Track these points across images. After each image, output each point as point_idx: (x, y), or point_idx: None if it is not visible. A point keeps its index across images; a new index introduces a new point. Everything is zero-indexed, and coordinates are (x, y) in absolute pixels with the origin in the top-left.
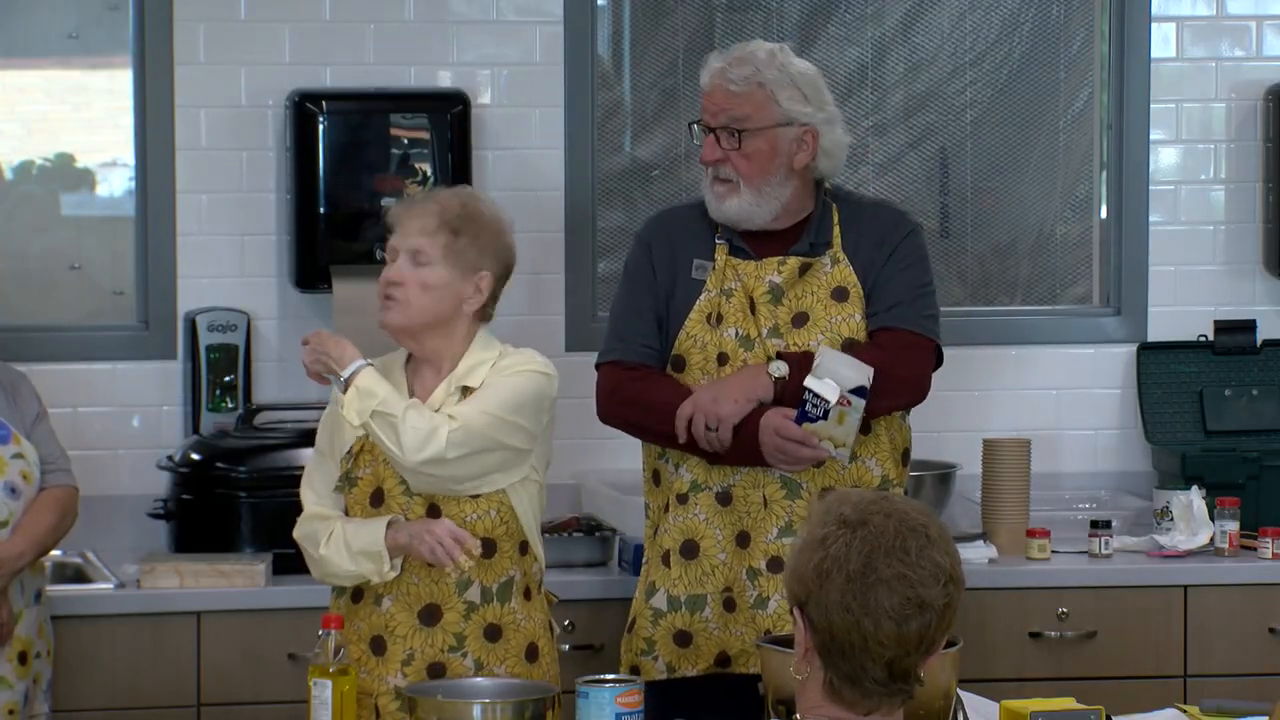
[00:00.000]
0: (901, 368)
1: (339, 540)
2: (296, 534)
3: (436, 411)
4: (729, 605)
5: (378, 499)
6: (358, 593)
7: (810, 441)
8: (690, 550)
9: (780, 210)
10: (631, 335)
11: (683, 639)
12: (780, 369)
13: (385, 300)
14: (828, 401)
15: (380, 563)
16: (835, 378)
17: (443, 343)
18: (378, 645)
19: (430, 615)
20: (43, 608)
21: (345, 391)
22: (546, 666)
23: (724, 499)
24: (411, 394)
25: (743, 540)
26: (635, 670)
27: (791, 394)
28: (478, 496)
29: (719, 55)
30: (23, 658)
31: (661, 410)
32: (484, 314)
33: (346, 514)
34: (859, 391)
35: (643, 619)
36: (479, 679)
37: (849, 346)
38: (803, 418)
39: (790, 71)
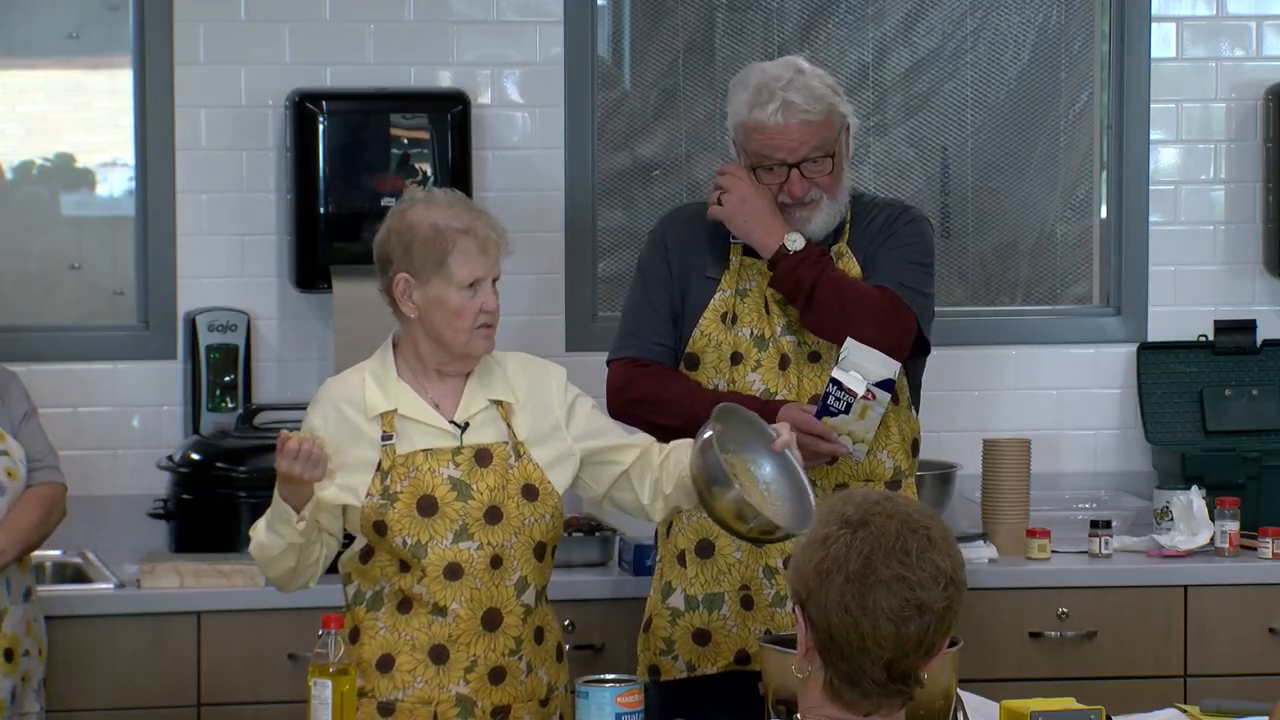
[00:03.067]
0: (877, 311)
1: (260, 525)
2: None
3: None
4: (746, 603)
5: (428, 507)
6: (406, 603)
7: (830, 436)
8: (706, 549)
9: (843, 212)
10: (646, 332)
11: (701, 637)
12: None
13: (483, 330)
14: (854, 394)
15: (288, 518)
16: (861, 370)
17: None
18: (438, 654)
19: (492, 620)
20: (32, 606)
21: None
22: (566, 665)
23: None
24: (431, 404)
25: None
26: (655, 670)
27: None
28: (535, 500)
29: (755, 90)
30: (9, 655)
31: (675, 407)
32: None
33: (382, 531)
34: (884, 385)
35: (660, 619)
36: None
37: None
38: (824, 411)
39: (824, 78)
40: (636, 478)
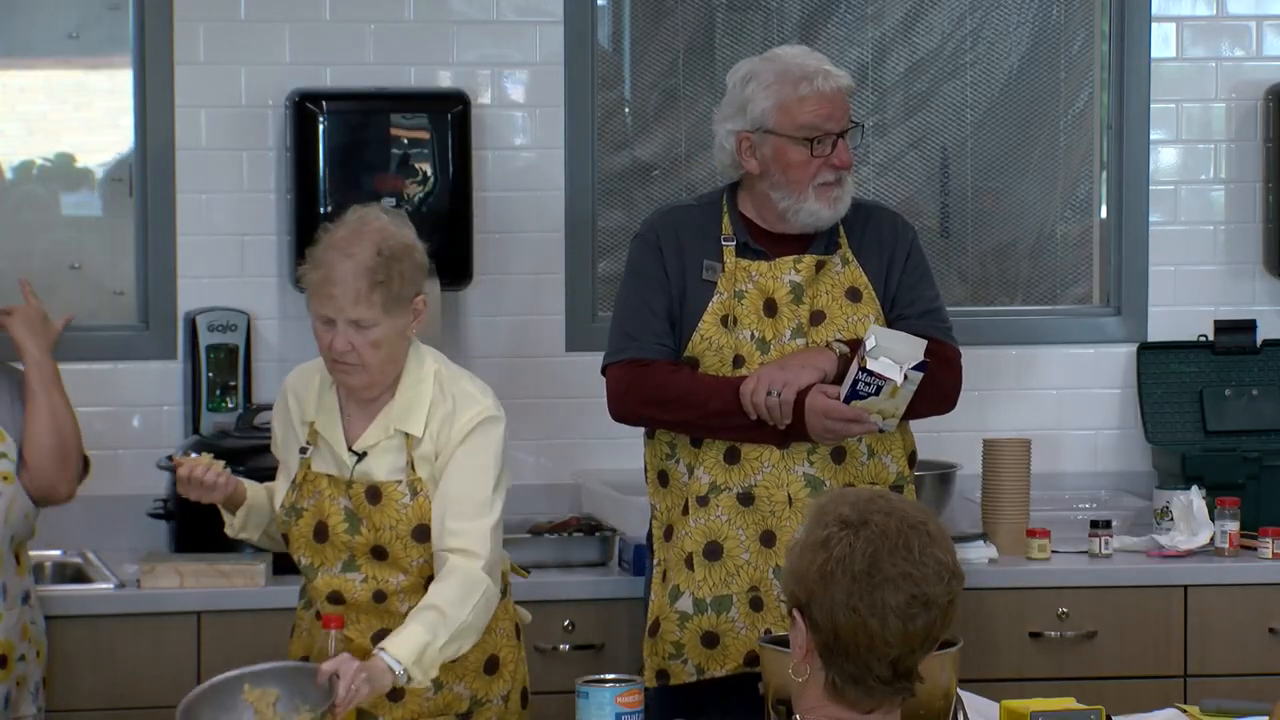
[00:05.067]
0: (941, 384)
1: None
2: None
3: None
4: (756, 605)
5: (321, 534)
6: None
7: (862, 417)
8: (714, 552)
9: None
10: (644, 334)
11: (710, 640)
12: (841, 347)
13: (339, 365)
14: (891, 381)
15: (228, 520)
16: (892, 356)
17: (393, 374)
18: None
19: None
20: (29, 609)
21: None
22: (509, 676)
23: (746, 499)
24: (344, 416)
25: (768, 539)
26: (664, 674)
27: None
28: (426, 541)
29: (798, 67)
30: (3, 661)
31: (683, 402)
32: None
33: (288, 544)
34: (919, 367)
35: (668, 623)
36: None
37: None
38: (853, 396)
39: None
40: None
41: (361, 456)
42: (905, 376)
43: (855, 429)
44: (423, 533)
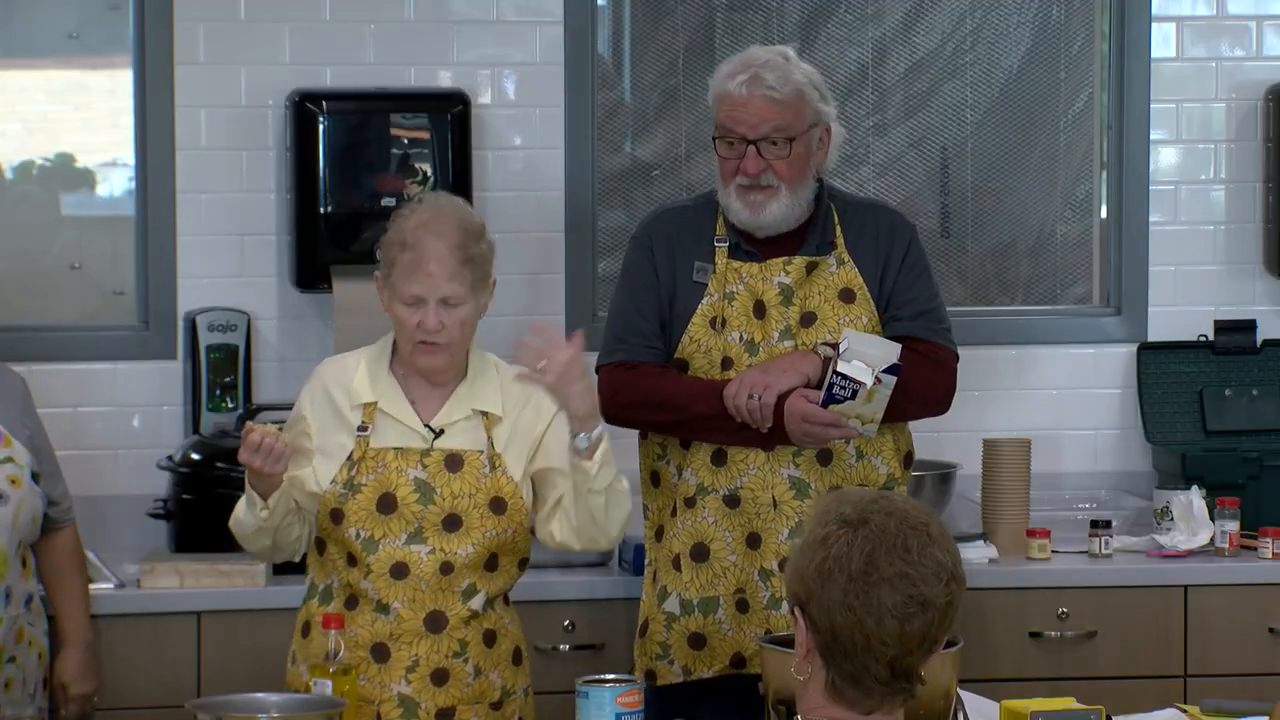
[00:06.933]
0: (929, 385)
1: (241, 503)
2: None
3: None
4: (742, 606)
5: (386, 505)
6: (353, 599)
7: (839, 422)
8: (700, 553)
9: (804, 211)
10: (634, 336)
11: (697, 641)
12: (826, 351)
13: (425, 346)
14: (862, 384)
15: (255, 504)
16: (864, 359)
17: (463, 356)
18: (380, 652)
19: (436, 622)
20: (30, 613)
21: (593, 453)
22: (527, 671)
23: (732, 501)
24: (410, 403)
25: (753, 541)
26: (651, 674)
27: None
28: (502, 513)
29: (736, 65)
30: None
31: (669, 405)
32: None
33: (338, 520)
34: (891, 370)
35: (656, 623)
36: (265, 695)
37: None
38: (830, 400)
39: (808, 72)
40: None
41: (439, 434)
42: (877, 379)
43: (834, 433)
44: (498, 505)
